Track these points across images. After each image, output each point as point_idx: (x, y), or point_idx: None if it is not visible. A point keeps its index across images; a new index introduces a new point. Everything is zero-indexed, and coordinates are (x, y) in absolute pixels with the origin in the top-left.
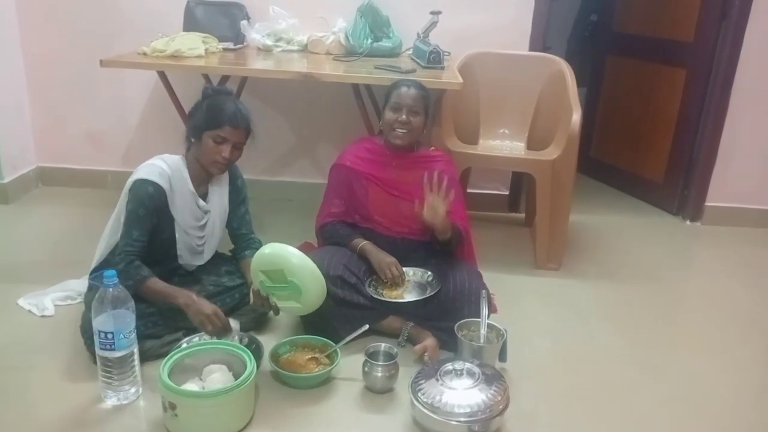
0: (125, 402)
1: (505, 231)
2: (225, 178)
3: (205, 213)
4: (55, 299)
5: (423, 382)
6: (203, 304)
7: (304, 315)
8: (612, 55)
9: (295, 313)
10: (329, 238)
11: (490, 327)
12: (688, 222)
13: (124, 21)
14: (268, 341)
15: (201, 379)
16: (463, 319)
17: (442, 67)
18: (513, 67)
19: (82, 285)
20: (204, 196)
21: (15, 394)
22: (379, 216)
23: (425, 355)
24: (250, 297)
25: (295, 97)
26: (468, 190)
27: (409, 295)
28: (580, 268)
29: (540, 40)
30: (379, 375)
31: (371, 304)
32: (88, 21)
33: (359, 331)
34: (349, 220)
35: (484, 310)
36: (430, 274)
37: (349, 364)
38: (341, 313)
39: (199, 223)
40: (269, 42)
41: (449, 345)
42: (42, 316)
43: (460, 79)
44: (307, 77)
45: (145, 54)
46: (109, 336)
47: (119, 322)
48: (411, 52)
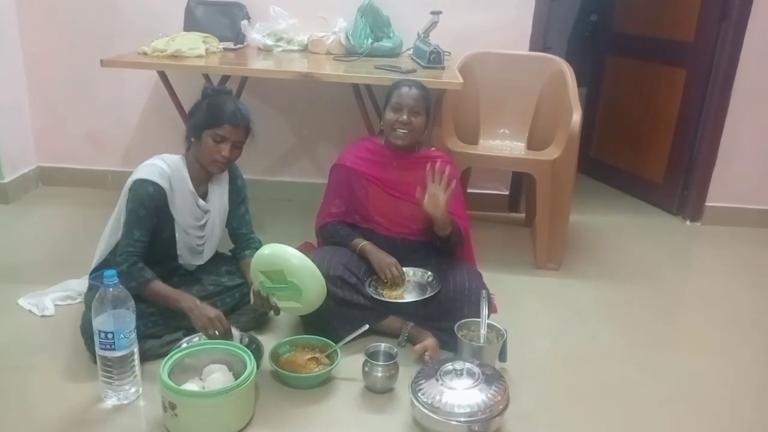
0: (125, 402)
1: (505, 231)
2: (225, 177)
3: (205, 213)
4: (55, 299)
5: (423, 382)
6: (206, 309)
7: (304, 315)
8: (612, 55)
9: (296, 313)
10: (329, 238)
11: (490, 327)
12: (688, 222)
13: (125, 21)
14: (268, 341)
15: (201, 379)
16: (463, 319)
17: (443, 67)
18: (513, 67)
19: (82, 285)
20: (204, 196)
21: (15, 394)
22: (379, 216)
23: (426, 355)
24: (251, 297)
25: (295, 97)
26: (468, 190)
27: (409, 295)
28: (580, 268)
29: (540, 40)
30: (379, 375)
31: (371, 304)
32: (88, 21)
33: (359, 331)
34: (349, 221)
35: (484, 310)
36: (430, 275)
37: (349, 364)
38: (341, 313)
39: (198, 223)
40: (269, 42)
41: (449, 345)
42: (42, 316)
43: (461, 79)
44: (307, 77)
45: (145, 54)
46: (110, 336)
47: (119, 322)
48: (411, 52)
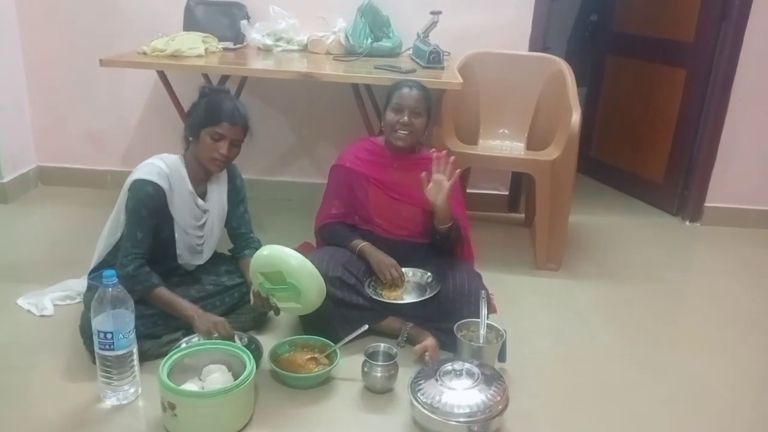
0: (124, 402)
1: (504, 231)
2: (223, 177)
3: (204, 212)
4: (54, 299)
5: (422, 382)
6: (211, 316)
7: (303, 315)
8: (612, 55)
9: (295, 313)
10: (328, 239)
11: (490, 327)
12: (687, 222)
13: (124, 21)
14: (268, 341)
15: (200, 379)
16: (462, 320)
17: (442, 67)
18: (513, 67)
19: (81, 285)
20: (203, 196)
21: (14, 394)
22: (379, 218)
23: (426, 355)
24: (251, 297)
25: (295, 96)
26: (468, 190)
27: (409, 296)
28: (580, 268)
29: (540, 40)
30: (378, 375)
31: (370, 305)
32: (88, 21)
33: (359, 331)
34: (348, 222)
35: (484, 311)
36: (429, 275)
37: (349, 364)
38: (340, 313)
39: (198, 223)
40: (269, 42)
41: (448, 345)
42: (41, 316)
43: (460, 79)
44: (307, 77)
45: (145, 53)
46: (109, 336)
47: (118, 322)
48: (411, 52)
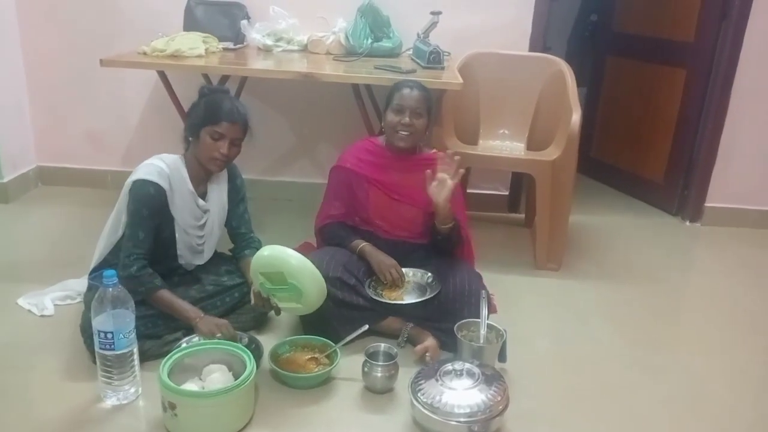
0: (125, 402)
1: (504, 231)
2: (224, 177)
3: (205, 212)
4: (54, 299)
5: (423, 382)
6: (213, 318)
7: (303, 315)
8: (612, 56)
9: (296, 313)
10: (329, 239)
11: (490, 327)
12: (687, 222)
13: (124, 21)
14: (268, 341)
15: (201, 379)
16: (462, 320)
17: (442, 68)
18: (513, 68)
19: (81, 285)
20: (203, 196)
21: (15, 394)
22: (380, 220)
23: (426, 356)
24: (251, 297)
25: (295, 97)
26: (468, 191)
27: (409, 296)
28: (580, 268)
29: (540, 41)
30: (378, 375)
31: (371, 305)
32: (88, 21)
33: (359, 331)
34: (349, 222)
35: (484, 311)
36: (430, 275)
37: (349, 364)
38: (341, 314)
39: (198, 223)
40: (269, 42)
41: (449, 345)
42: (41, 316)
43: (460, 80)
44: (307, 77)
45: (145, 54)
46: (109, 336)
47: (119, 322)
48: (411, 52)
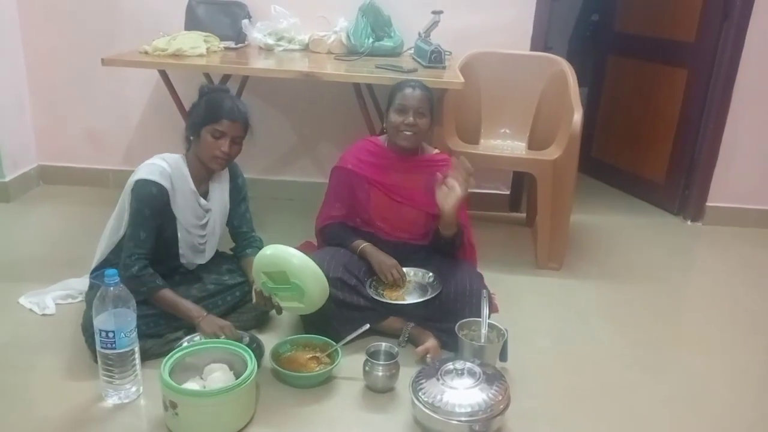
0: (126, 401)
1: (506, 231)
2: (225, 176)
3: (207, 212)
4: (56, 298)
5: (424, 381)
6: (216, 319)
7: (305, 315)
8: (613, 55)
9: (298, 312)
10: (330, 240)
11: (491, 327)
12: (689, 222)
13: (126, 20)
14: (269, 340)
15: (202, 378)
16: (463, 320)
17: (444, 67)
18: (514, 67)
19: (82, 284)
20: (205, 195)
21: (16, 393)
22: (381, 221)
23: (427, 357)
24: (252, 296)
25: (296, 96)
26: (469, 190)
27: (410, 296)
28: (581, 268)
29: (541, 40)
30: (379, 374)
31: (371, 305)
32: (89, 20)
33: (360, 330)
34: (350, 223)
35: (485, 310)
36: (431, 275)
37: (350, 363)
38: (341, 314)
39: (200, 222)
40: (271, 41)
41: (450, 345)
42: (43, 315)
43: (462, 79)
44: (308, 76)
45: (146, 53)
46: (110, 335)
47: (120, 321)
48: (412, 51)
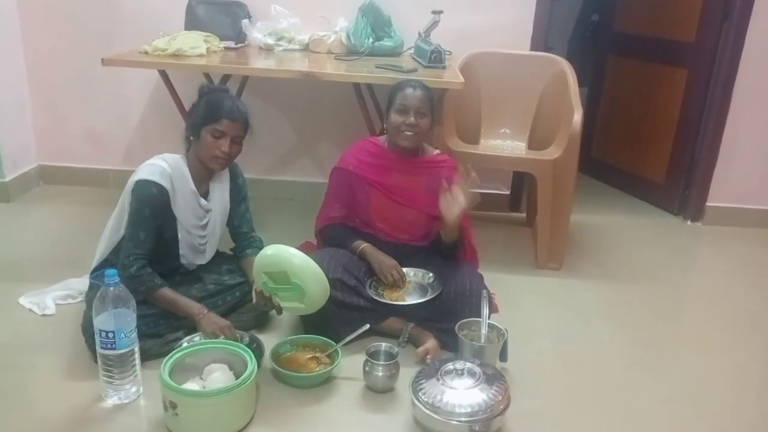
0: (126, 401)
1: (506, 231)
2: (225, 176)
3: (207, 212)
4: (56, 298)
5: (424, 381)
6: (217, 317)
7: (304, 315)
8: (613, 55)
9: (298, 313)
10: (329, 240)
11: (491, 327)
12: (689, 222)
13: (126, 20)
14: (269, 340)
15: (202, 379)
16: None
17: (444, 67)
18: (514, 67)
19: (82, 284)
20: (205, 195)
21: (16, 393)
22: (381, 222)
23: (427, 358)
24: (253, 296)
25: (296, 96)
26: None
27: (410, 297)
28: (582, 268)
29: (541, 40)
30: (379, 374)
31: (371, 306)
32: (89, 20)
33: (360, 330)
34: (349, 224)
35: (485, 310)
36: (431, 276)
37: (350, 363)
38: (341, 315)
39: (200, 222)
40: (271, 41)
41: (450, 346)
42: (43, 315)
43: (462, 79)
44: (308, 76)
45: (146, 53)
46: (110, 335)
47: (120, 321)
48: (412, 51)
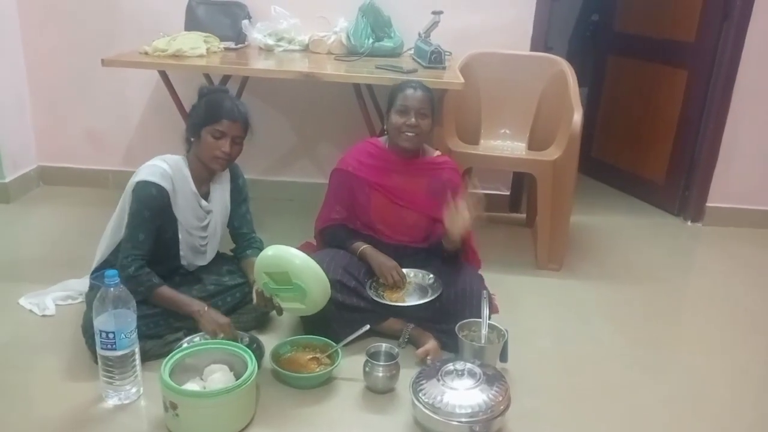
0: (126, 402)
1: (506, 231)
2: (226, 177)
3: (207, 213)
4: (56, 299)
5: (424, 382)
6: (217, 315)
7: (305, 316)
8: (613, 55)
9: (299, 313)
10: (329, 242)
11: (491, 327)
12: (689, 222)
13: (126, 20)
14: (270, 341)
15: (202, 379)
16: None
17: (444, 67)
18: (514, 67)
19: (83, 285)
20: (206, 196)
21: (16, 394)
22: (381, 224)
23: (428, 358)
24: (253, 297)
25: (296, 96)
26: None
27: (411, 298)
28: (581, 268)
29: (541, 40)
30: (380, 375)
31: (371, 307)
32: (89, 20)
33: (360, 331)
34: (349, 226)
35: (485, 311)
36: (431, 276)
37: (350, 364)
38: (341, 317)
39: (201, 224)
40: (271, 42)
41: (450, 346)
42: (43, 316)
43: (462, 79)
44: (308, 77)
45: (146, 53)
46: (110, 336)
47: (120, 322)
48: (412, 51)
